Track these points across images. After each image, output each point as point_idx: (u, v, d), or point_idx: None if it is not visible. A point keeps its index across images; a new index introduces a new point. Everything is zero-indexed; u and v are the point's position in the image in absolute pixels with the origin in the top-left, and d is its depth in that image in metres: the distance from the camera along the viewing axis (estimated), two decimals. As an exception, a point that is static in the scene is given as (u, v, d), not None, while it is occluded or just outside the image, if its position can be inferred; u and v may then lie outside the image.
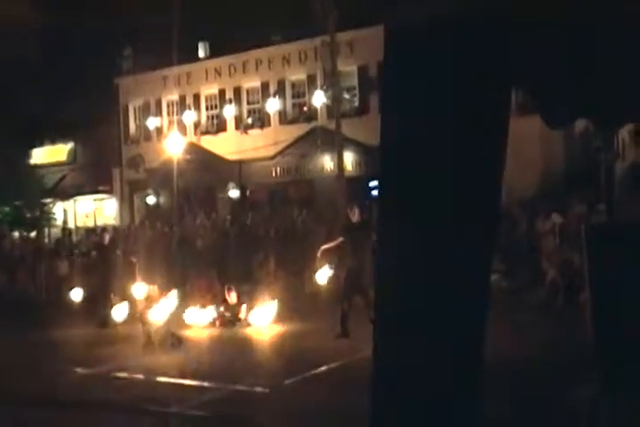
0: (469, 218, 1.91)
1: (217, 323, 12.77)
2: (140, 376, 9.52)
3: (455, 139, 1.91)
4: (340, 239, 11.31)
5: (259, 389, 8.36)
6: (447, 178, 1.90)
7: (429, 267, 1.91)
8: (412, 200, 1.93)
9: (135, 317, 11.85)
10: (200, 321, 12.82)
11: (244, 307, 12.79)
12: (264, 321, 12.52)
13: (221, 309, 12.89)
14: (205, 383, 8.77)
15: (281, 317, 12.77)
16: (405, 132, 1.93)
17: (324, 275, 12.19)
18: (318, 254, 11.70)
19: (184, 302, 12.30)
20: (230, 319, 12.73)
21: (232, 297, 12.94)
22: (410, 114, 1.93)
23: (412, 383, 1.93)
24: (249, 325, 12.57)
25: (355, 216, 11.07)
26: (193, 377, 9.08)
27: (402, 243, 1.94)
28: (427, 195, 1.91)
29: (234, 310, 12.80)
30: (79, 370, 9.98)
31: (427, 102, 1.91)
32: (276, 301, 12.88)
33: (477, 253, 1.95)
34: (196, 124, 27.63)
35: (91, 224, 29.59)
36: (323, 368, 9.16)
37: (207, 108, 27.89)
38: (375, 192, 23.52)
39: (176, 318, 11.83)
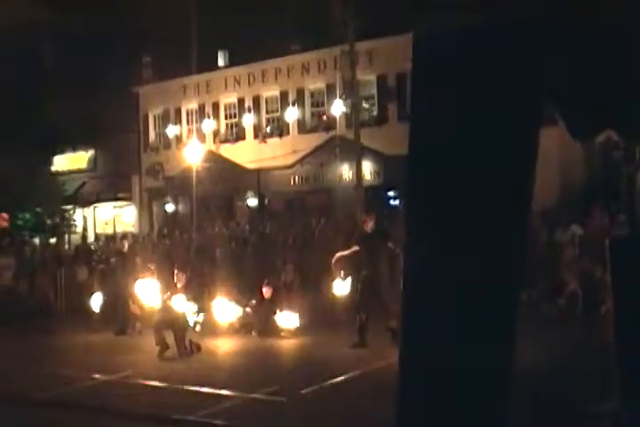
0: (499, 227, 1.92)
1: (236, 329, 12.76)
2: (156, 383, 9.54)
3: (484, 147, 1.91)
4: (355, 248, 11.30)
5: (276, 398, 8.35)
6: (476, 185, 1.91)
7: (458, 273, 1.91)
8: (440, 208, 1.94)
9: (154, 324, 11.85)
10: (219, 328, 12.84)
11: (262, 314, 12.79)
12: (282, 329, 12.51)
13: (241, 314, 12.90)
14: (222, 391, 8.78)
15: (299, 325, 12.75)
16: (434, 140, 1.94)
17: (340, 284, 12.16)
18: (333, 262, 11.70)
19: (202, 309, 12.28)
20: (248, 326, 12.74)
21: (266, 292, 12.95)
22: (438, 121, 1.93)
23: (440, 391, 1.93)
24: (267, 332, 12.56)
25: (368, 225, 11.04)
26: (209, 385, 9.09)
27: (430, 250, 1.95)
28: (456, 204, 1.92)
29: (257, 316, 12.81)
30: (96, 376, 10.02)
31: (456, 111, 1.92)
32: (295, 309, 12.87)
33: (507, 261, 1.94)
34: (215, 133, 27.78)
35: (110, 231, 29.80)
36: (340, 378, 9.14)
37: (226, 117, 28.03)
38: (393, 201, 23.55)
39: (194, 325, 11.84)
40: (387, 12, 20.65)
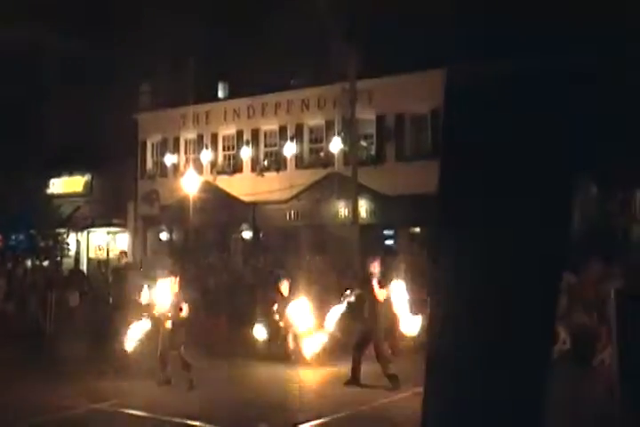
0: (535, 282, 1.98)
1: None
2: (144, 414, 9.51)
3: (514, 192, 1.96)
4: (357, 291, 11.36)
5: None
6: (505, 246, 1.96)
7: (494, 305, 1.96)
8: (468, 253, 1.99)
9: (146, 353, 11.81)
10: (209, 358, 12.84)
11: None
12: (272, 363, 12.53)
13: None
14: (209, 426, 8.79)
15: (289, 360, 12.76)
16: (464, 181, 1.99)
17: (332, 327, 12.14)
18: (328, 316, 11.79)
19: (191, 339, 12.25)
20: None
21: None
22: (468, 161, 1.97)
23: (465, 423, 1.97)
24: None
25: (374, 268, 11.04)
26: (198, 418, 9.08)
27: (457, 290, 2.01)
28: (483, 251, 1.98)
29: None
30: (85, 404, 9.98)
31: (486, 158, 1.97)
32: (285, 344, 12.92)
33: (539, 300, 2.00)
34: (213, 164, 27.89)
35: (103, 256, 29.73)
36: (330, 417, 9.16)
37: (224, 149, 28.17)
38: (388, 241, 23.63)
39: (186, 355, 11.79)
40: (389, 52, 21.03)
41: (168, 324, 11.34)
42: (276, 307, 13.63)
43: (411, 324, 10.72)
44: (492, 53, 1.93)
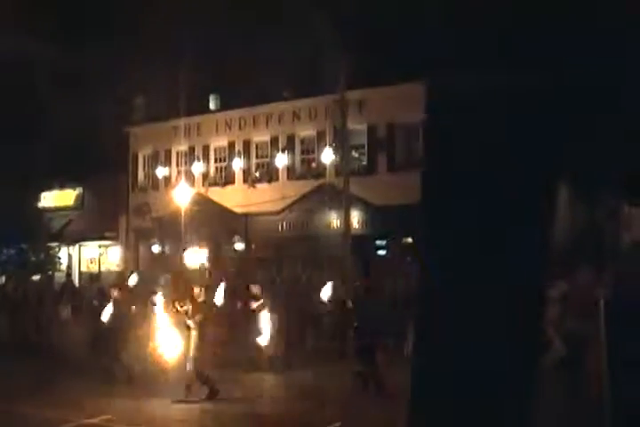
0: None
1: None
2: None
3: (493, 195, 1.96)
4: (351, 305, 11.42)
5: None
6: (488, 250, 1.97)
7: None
8: (454, 267, 2.00)
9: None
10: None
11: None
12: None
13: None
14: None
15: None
16: (445, 183, 2.00)
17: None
18: None
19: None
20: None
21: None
22: (450, 176, 1.98)
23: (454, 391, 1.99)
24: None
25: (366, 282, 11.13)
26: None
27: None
28: (471, 267, 1.99)
29: None
30: (79, 419, 9.93)
31: (469, 167, 1.98)
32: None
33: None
34: (205, 176, 27.90)
35: (95, 270, 29.65)
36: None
37: (216, 160, 28.19)
38: (380, 251, 23.64)
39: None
40: (379, 63, 21.09)
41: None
42: None
43: None
44: (469, 64, 1.94)
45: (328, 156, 24.24)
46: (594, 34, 1.94)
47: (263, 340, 13.55)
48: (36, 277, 24.29)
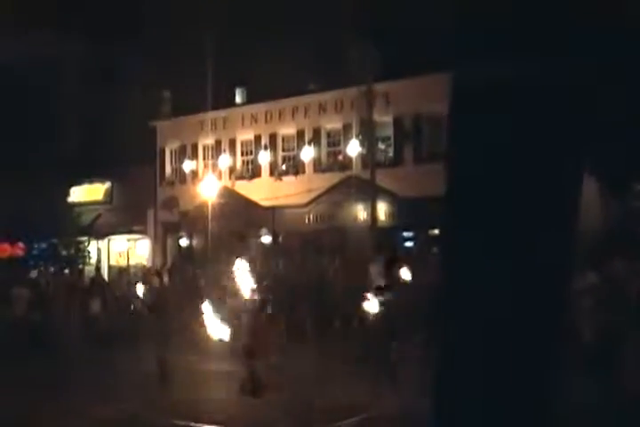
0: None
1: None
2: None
3: (520, 193, 1.96)
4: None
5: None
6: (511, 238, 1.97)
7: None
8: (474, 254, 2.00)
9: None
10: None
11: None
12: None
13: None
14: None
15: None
16: (470, 181, 1.99)
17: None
18: None
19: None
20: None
21: None
22: (476, 164, 1.97)
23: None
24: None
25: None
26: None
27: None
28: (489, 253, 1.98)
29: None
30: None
31: (494, 157, 1.98)
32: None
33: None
34: (231, 169, 27.98)
35: (124, 263, 29.92)
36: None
37: (242, 154, 28.26)
38: (407, 243, 23.59)
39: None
40: (406, 54, 21.01)
41: None
42: None
43: None
44: (496, 54, 1.93)
45: (354, 148, 24.19)
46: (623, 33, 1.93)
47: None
48: (66, 272, 24.58)
